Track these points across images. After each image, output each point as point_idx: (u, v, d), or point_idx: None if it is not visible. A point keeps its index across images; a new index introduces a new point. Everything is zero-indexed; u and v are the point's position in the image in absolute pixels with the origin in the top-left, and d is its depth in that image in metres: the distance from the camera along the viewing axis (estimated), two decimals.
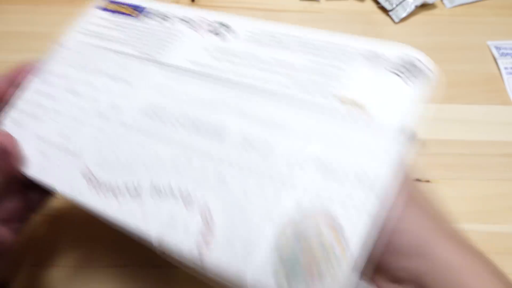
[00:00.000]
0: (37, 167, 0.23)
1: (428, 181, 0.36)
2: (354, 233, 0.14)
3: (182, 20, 0.25)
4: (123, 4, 0.28)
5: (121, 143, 0.22)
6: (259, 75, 0.20)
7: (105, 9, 0.29)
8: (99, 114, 0.24)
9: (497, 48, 0.46)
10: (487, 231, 0.33)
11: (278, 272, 0.15)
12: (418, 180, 0.37)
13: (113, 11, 0.28)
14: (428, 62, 0.18)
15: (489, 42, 0.47)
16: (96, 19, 0.29)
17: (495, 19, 0.50)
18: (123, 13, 0.27)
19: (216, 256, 0.16)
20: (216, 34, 0.23)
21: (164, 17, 0.26)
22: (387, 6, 0.50)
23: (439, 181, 0.36)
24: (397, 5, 0.49)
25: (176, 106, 0.21)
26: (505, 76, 0.44)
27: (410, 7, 0.49)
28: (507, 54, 0.46)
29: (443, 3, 0.52)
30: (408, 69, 0.17)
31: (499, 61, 0.45)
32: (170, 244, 0.17)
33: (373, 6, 0.52)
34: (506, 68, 0.45)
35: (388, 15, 0.50)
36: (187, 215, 0.18)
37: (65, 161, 0.22)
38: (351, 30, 0.53)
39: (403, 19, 0.49)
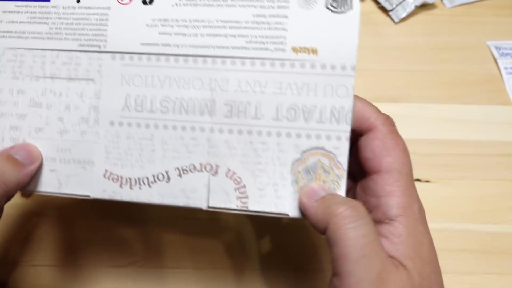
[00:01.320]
0: (54, 184, 0.22)
1: (428, 181, 0.36)
2: (342, 155, 0.20)
3: None
4: None
5: (124, 141, 0.22)
6: (215, 42, 0.21)
7: None
8: (83, 120, 0.22)
9: (497, 48, 0.46)
10: (487, 231, 0.33)
11: None
12: (418, 180, 0.37)
13: None
14: None
15: (489, 42, 0.47)
16: (3, 15, 0.24)
17: (495, 19, 0.50)
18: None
19: (256, 203, 0.21)
20: (144, 2, 0.22)
21: None
22: (387, 6, 0.50)
23: (439, 181, 0.36)
24: (397, 5, 0.49)
25: (155, 93, 0.22)
26: (505, 76, 0.44)
27: (410, 7, 0.49)
28: (507, 54, 0.46)
29: (443, 3, 0.52)
30: (336, 1, 0.20)
31: (499, 61, 0.45)
32: (218, 207, 0.21)
33: (373, 6, 0.52)
34: (506, 68, 0.45)
35: (388, 15, 0.50)
36: (218, 181, 0.21)
37: (80, 171, 0.22)
38: None
39: (403, 19, 0.49)
